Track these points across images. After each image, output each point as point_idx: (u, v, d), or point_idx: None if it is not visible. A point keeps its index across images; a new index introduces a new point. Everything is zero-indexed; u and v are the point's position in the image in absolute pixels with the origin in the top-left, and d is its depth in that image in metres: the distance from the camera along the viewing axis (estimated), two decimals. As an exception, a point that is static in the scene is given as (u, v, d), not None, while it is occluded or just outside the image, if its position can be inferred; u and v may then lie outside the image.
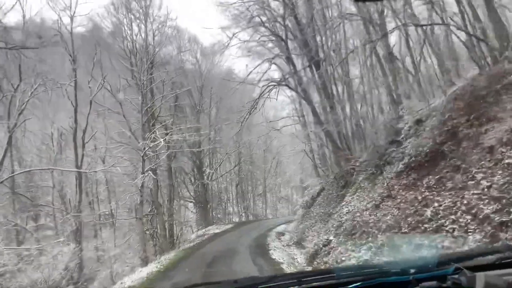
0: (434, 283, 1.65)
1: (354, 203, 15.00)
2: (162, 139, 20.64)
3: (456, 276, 1.65)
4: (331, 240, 14.16)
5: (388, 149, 14.76)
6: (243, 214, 48.91)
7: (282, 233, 28.04)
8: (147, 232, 28.05)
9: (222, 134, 42.24)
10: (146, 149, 20.78)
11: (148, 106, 22.43)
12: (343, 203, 16.85)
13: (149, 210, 27.44)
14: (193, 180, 39.64)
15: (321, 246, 14.43)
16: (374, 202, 12.64)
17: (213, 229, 33.04)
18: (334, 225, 15.26)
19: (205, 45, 41.58)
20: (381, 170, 14.65)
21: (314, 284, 1.84)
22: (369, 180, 15.23)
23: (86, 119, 21.72)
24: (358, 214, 13.46)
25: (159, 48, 25.96)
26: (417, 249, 7.91)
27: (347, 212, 14.96)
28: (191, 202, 40.64)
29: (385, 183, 12.91)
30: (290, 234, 25.94)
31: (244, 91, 45.99)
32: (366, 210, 12.80)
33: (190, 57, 38.75)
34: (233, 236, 26.02)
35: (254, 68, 18.72)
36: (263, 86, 18.99)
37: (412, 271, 1.74)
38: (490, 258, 1.84)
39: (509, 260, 1.81)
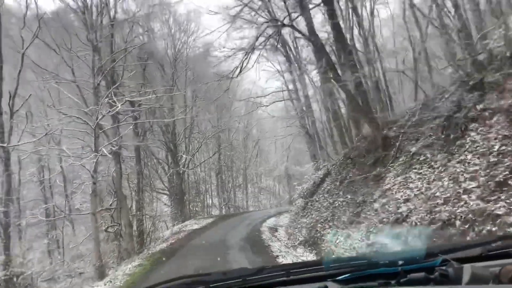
0: (422, 274, 1.58)
1: (418, 185, 9.24)
2: (120, 104, 14.35)
3: (443, 267, 1.58)
4: (385, 245, 8.33)
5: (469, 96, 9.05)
6: (224, 207, 42.80)
7: (275, 229, 22.34)
8: (110, 230, 21.75)
9: (199, 118, 36.11)
10: (100, 118, 14.44)
11: (104, 62, 15.88)
12: (385, 187, 11.12)
13: (110, 203, 21.12)
14: (167, 169, 33.31)
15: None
16: (485, 178, 6.88)
17: (191, 224, 26.98)
18: (384, 219, 9.49)
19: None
20: (461, 131, 8.95)
21: (303, 275, 1.80)
22: (436, 149, 9.50)
23: (17, 79, 15.17)
24: (440, 201, 7.71)
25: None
26: (406, 241, 6.37)
27: (406, 199, 9.19)
28: (164, 194, 34.36)
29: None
30: (288, 230, 20.37)
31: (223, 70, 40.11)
32: (468, 193, 7.04)
33: (163, 27, 32.27)
34: (217, 233, 20.05)
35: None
36: (262, 24, 13.00)
37: (401, 262, 1.67)
38: (477, 250, 1.76)
39: (495, 252, 1.73)
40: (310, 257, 12.46)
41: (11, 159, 15.77)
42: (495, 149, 7.23)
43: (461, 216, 6.67)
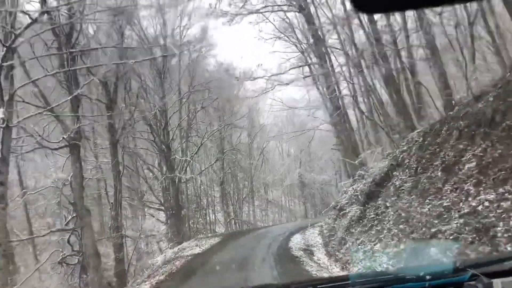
0: None
1: None
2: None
3: (472, 282, 1.49)
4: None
5: None
6: (229, 223, 34.95)
7: (309, 251, 14.86)
8: (69, 263, 14.03)
9: (197, 119, 28.82)
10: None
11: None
12: None
13: (66, 222, 13.49)
14: (160, 177, 25.68)
15: None
16: None
17: (191, 247, 19.17)
18: None
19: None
20: None
21: None
22: None
23: None
24: None
25: None
26: (434, 255, 6.06)
27: None
28: (156, 208, 26.73)
29: None
30: (335, 253, 13.08)
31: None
32: None
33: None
34: (229, 263, 12.31)
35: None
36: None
37: (428, 277, 1.58)
38: (508, 264, 1.62)
39: None
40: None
41: None
42: None
43: None
